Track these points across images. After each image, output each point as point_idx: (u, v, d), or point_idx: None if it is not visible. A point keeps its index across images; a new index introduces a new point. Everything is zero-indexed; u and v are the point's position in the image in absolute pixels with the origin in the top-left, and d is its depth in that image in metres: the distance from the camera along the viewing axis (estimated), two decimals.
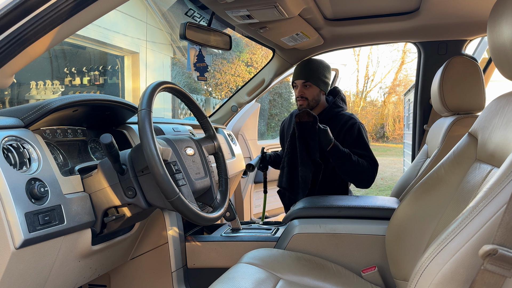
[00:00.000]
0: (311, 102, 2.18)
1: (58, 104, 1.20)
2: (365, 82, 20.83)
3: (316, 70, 2.17)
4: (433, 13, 2.01)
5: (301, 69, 2.20)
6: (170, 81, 1.36)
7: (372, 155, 2.06)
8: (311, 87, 2.17)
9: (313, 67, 2.18)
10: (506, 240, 0.67)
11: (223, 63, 12.00)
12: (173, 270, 1.64)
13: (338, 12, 2.05)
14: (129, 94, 7.70)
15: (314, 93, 2.17)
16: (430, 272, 0.75)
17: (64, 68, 7.05)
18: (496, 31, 0.98)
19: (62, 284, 1.22)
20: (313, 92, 2.17)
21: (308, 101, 2.17)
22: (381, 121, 20.03)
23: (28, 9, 0.95)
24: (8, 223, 0.96)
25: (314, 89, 2.17)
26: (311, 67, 2.18)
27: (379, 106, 20.73)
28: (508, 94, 1.05)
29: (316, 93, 2.17)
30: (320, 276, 1.35)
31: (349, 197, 1.80)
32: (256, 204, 3.28)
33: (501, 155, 0.96)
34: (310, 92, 2.17)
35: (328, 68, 2.24)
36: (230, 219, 1.72)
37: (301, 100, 2.18)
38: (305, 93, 2.17)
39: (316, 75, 2.16)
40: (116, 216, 1.26)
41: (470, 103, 1.74)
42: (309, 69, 2.18)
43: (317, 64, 2.19)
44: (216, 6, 1.68)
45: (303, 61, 2.25)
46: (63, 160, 1.33)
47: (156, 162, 1.12)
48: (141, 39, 7.84)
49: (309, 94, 2.17)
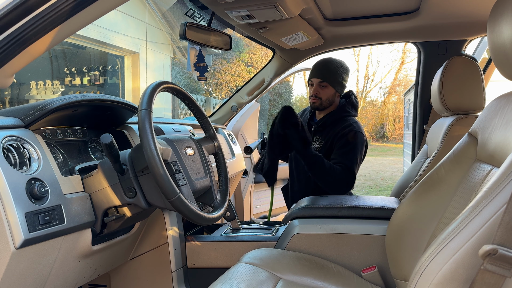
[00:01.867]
0: (324, 102, 2.15)
1: (58, 104, 1.20)
2: (365, 82, 20.86)
3: (334, 71, 2.13)
4: (433, 13, 2.01)
5: (319, 68, 2.16)
6: (170, 81, 1.36)
7: (351, 166, 1.95)
8: (327, 87, 2.13)
9: (332, 68, 2.14)
10: (506, 240, 0.67)
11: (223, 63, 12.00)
12: (173, 270, 1.64)
13: (338, 12, 2.05)
14: (129, 94, 7.70)
15: (329, 94, 2.14)
16: (430, 272, 0.75)
17: (64, 68, 7.05)
18: (496, 31, 0.98)
19: (62, 284, 1.22)
20: (328, 92, 2.13)
21: (321, 101, 2.14)
22: (381, 121, 20.04)
23: (28, 9, 0.95)
24: (8, 223, 0.96)
25: (329, 90, 2.13)
26: (330, 68, 2.14)
27: (379, 106, 20.74)
28: (508, 94, 1.05)
29: (331, 94, 2.14)
30: (320, 276, 1.35)
31: (349, 197, 1.80)
32: (256, 204, 3.28)
33: (501, 155, 0.96)
34: (325, 92, 2.13)
35: (347, 70, 2.21)
36: (230, 219, 1.72)
37: (315, 99, 2.15)
38: (320, 92, 2.13)
39: (333, 76, 2.13)
40: (116, 216, 1.26)
41: (470, 103, 1.74)
42: (328, 69, 2.14)
43: (336, 65, 2.15)
44: (216, 6, 1.68)
45: (323, 59, 2.19)
46: (63, 160, 1.33)
47: (156, 162, 1.12)
48: (141, 39, 7.85)
49: (323, 94, 2.13)
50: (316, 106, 2.17)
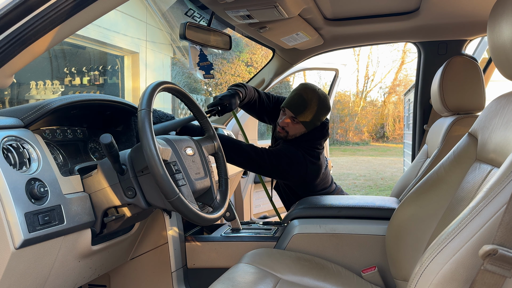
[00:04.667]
0: (290, 136, 1.97)
1: (58, 104, 1.20)
2: (365, 82, 20.86)
3: (312, 112, 1.92)
4: (433, 13, 2.01)
5: (300, 103, 1.92)
6: (170, 81, 1.36)
7: (260, 152, 1.83)
8: (298, 124, 1.94)
9: (310, 107, 1.92)
10: (506, 240, 0.67)
11: (223, 63, 12.01)
12: (173, 270, 1.64)
13: (338, 12, 2.05)
14: (129, 94, 7.70)
15: (298, 130, 1.95)
16: (430, 272, 0.75)
17: (64, 68, 7.05)
18: (496, 31, 0.98)
19: (62, 284, 1.22)
20: (297, 129, 1.95)
21: (287, 135, 1.97)
22: (381, 121, 20.04)
23: (28, 8, 0.95)
24: (8, 223, 0.96)
25: (300, 127, 1.94)
26: (309, 107, 1.91)
27: (379, 106, 20.74)
28: (508, 94, 1.05)
29: (300, 131, 1.96)
30: (320, 276, 1.35)
31: (349, 197, 1.80)
32: (256, 204, 3.28)
33: (501, 155, 0.96)
34: (295, 128, 1.95)
35: (327, 110, 1.99)
36: (230, 219, 1.72)
37: (282, 130, 1.97)
38: (289, 127, 1.95)
39: (309, 117, 1.92)
40: (116, 216, 1.26)
41: (470, 103, 1.74)
42: (308, 107, 1.91)
43: (316, 104, 1.92)
44: (216, 6, 1.68)
45: (307, 93, 1.93)
46: (63, 160, 1.33)
47: (156, 162, 1.12)
48: (141, 39, 7.85)
49: (292, 129, 1.95)
50: (280, 137, 2.00)
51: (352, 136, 18.97)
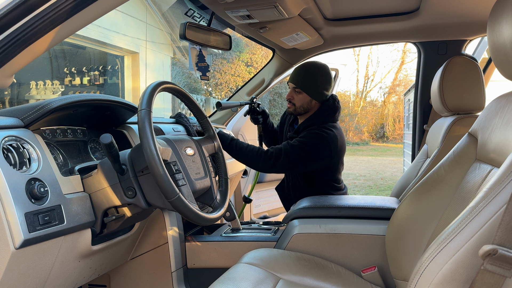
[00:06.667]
0: (298, 108, 2.07)
1: (58, 104, 1.20)
2: (365, 82, 20.87)
3: (310, 78, 2.03)
4: (433, 13, 2.01)
5: (296, 73, 2.07)
6: (170, 81, 1.36)
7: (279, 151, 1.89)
8: (301, 93, 2.04)
9: (307, 74, 2.04)
10: (506, 240, 0.67)
11: (223, 63, 12.01)
12: (173, 270, 1.64)
13: (338, 12, 2.06)
14: (129, 94, 7.70)
15: (303, 100, 2.05)
16: (430, 272, 0.75)
17: (64, 68, 7.05)
18: (496, 31, 0.98)
19: (62, 284, 1.22)
20: (302, 99, 2.05)
21: (295, 107, 2.07)
22: (381, 121, 20.04)
23: (28, 8, 0.95)
24: (8, 223, 0.96)
25: (304, 96, 2.04)
26: (308, 74, 2.04)
27: (379, 106, 20.75)
28: (508, 94, 1.05)
29: (305, 101, 2.05)
30: (320, 276, 1.35)
31: (349, 197, 1.80)
32: (256, 204, 3.28)
33: (501, 155, 0.96)
34: (299, 98, 2.05)
35: (328, 78, 2.07)
36: (230, 219, 1.72)
37: (289, 103, 2.08)
38: (294, 98, 2.06)
39: (308, 83, 2.02)
40: (116, 216, 1.26)
41: (470, 103, 1.74)
42: (304, 75, 2.04)
43: (313, 71, 2.04)
44: (216, 6, 1.68)
45: (304, 64, 2.10)
46: (63, 160, 1.33)
47: (156, 162, 1.12)
48: (141, 39, 7.85)
49: (297, 100, 2.05)
50: (290, 111, 2.11)
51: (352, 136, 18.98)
